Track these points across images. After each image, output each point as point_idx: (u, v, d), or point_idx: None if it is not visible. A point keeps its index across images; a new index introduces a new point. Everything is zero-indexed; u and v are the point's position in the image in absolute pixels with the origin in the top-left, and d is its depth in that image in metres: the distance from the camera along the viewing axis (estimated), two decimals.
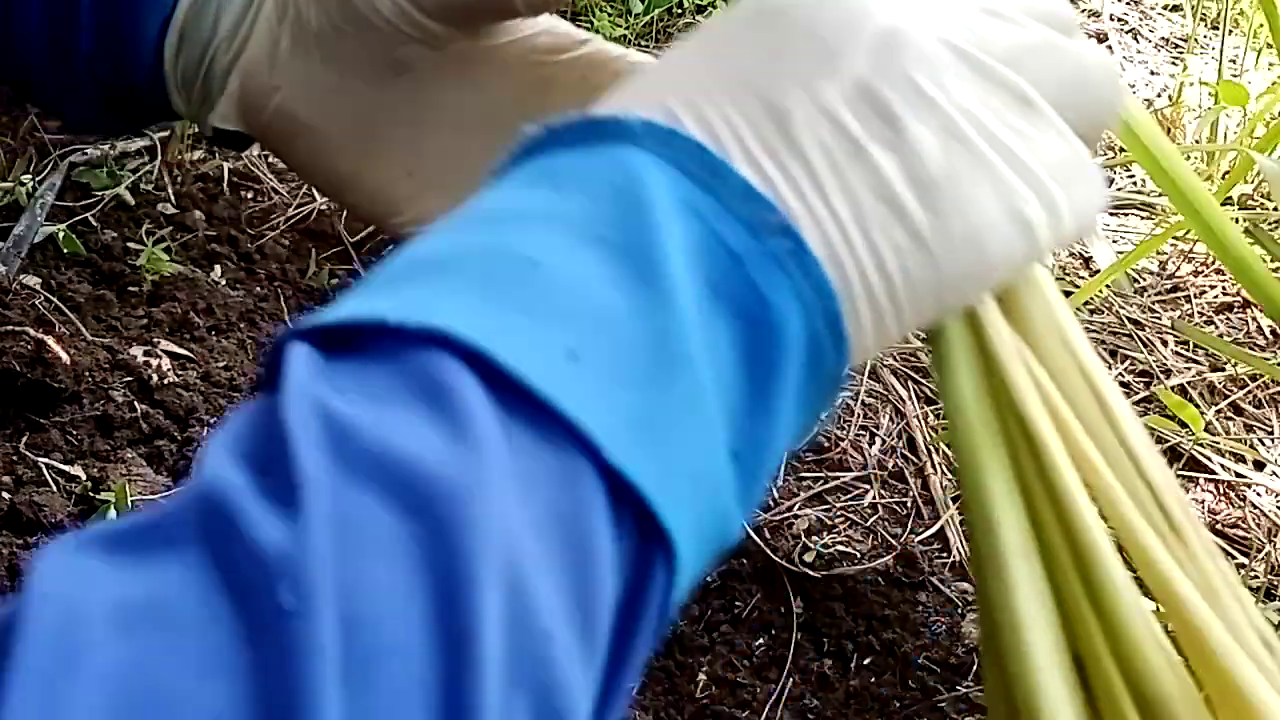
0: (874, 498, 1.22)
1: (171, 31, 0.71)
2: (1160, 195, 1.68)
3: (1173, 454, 1.28)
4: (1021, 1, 0.42)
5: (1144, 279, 1.53)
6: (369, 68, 0.67)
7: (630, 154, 0.36)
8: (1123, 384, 1.37)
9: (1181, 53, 1.94)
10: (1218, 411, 1.33)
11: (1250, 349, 1.43)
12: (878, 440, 1.28)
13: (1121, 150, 1.77)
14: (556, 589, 0.29)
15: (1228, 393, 1.35)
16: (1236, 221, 1.46)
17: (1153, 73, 1.93)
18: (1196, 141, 1.76)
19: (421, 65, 0.66)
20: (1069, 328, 0.47)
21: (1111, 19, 2.03)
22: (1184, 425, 1.23)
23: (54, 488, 1.10)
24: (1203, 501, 1.24)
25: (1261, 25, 1.81)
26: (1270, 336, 1.46)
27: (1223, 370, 1.38)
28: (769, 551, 1.18)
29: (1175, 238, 1.54)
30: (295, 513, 0.27)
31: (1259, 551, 1.18)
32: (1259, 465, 1.28)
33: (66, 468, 1.13)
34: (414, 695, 0.26)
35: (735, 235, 0.35)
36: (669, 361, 0.33)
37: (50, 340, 1.22)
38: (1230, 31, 1.77)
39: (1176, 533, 0.50)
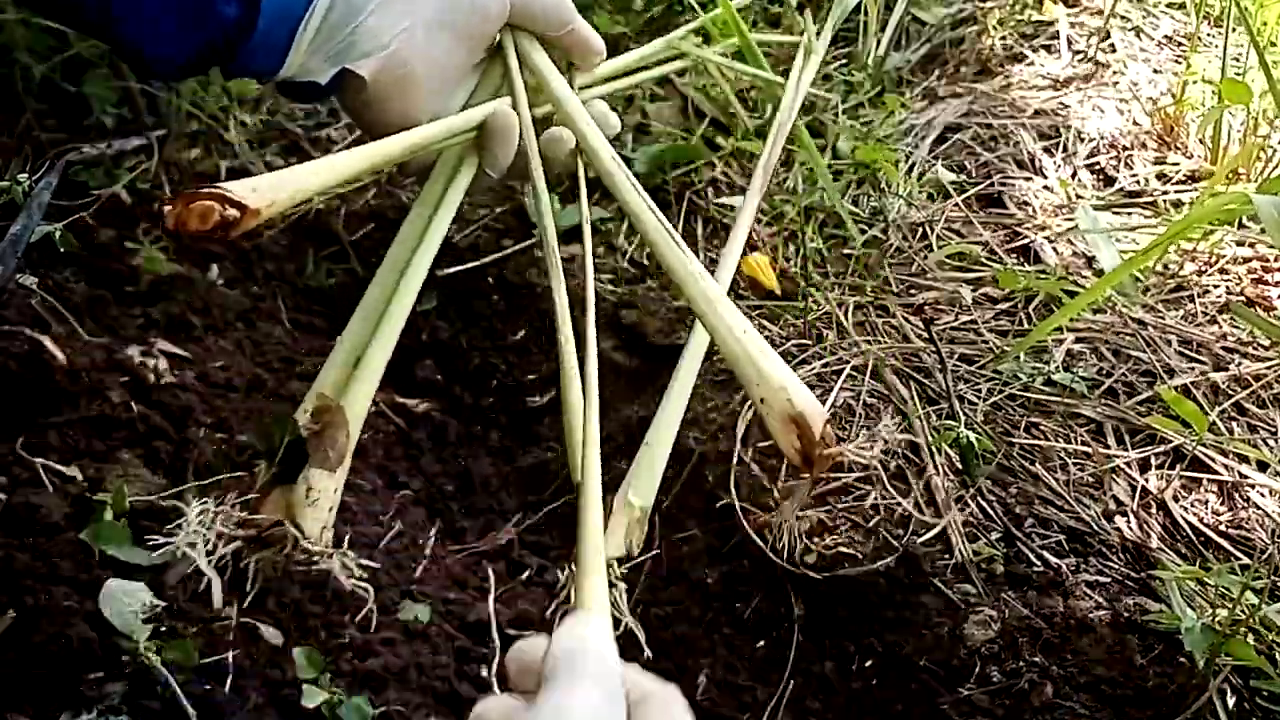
0: (876, 499, 1.21)
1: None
2: (1163, 194, 1.67)
3: (1176, 455, 1.28)
4: None
5: (1147, 278, 1.52)
6: (477, 45, 1.01)
7: None
8: (1125, 384, 1.36)
9: (1185, 50, 1.93)
10: (1221, 412, 1.32)
11: (1253, 348, 1.42)
12: (879, 441, 1.27)
13: (1125, 148, 1.76)
14: None
15: (1231, 393, 1.35)
16: None
17: (1156, 71, 1.92)
18: (1201, 141, 1.75)
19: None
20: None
21: (1115, 16, 2.02)
22: (1187, 425, 1.23)
23: (50, 488, 1.10)
24: (1206, 503, 1.24)
25: (1265, 23, 1.80)
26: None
27: (1226, 370, 1.37)
28: (770, 553, 1.17)
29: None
30: None
31: (1262, 554, 1.17)
32: (1262, 466, 1.27)
33: (63, 468, 1.12)
34: None
35: None
36: None
37: (47, 340, 1.22)
38: (1234, 29, 1.76)
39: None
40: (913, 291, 1.51)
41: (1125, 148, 1.76)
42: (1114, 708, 1.05)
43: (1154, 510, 1.22)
